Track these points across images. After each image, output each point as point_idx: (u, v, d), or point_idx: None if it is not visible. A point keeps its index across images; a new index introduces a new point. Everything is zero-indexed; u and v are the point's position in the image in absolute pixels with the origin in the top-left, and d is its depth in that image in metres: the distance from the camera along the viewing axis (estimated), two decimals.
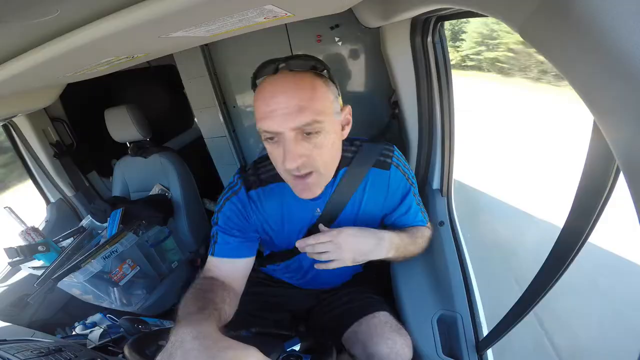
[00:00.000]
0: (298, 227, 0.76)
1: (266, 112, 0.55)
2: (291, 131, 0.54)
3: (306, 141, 0.56)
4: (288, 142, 0.55)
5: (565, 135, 3.37)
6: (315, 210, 0.74)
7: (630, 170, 0.24)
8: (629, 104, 0.22)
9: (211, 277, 0.69)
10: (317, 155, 0.58)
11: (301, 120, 0.54)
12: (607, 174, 0.37)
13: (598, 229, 0.42)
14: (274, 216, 0.74)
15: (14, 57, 0.45)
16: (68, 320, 1.39)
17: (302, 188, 0.62)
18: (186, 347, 0.44)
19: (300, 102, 0.54)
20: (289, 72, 0.56)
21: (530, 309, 0.56)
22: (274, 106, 0.54)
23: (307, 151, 0.57)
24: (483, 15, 0.38)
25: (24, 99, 0.97)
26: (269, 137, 0.57)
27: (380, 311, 0.82)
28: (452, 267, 0.87)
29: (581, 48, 0.24)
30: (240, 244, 0.72)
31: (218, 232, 0.72)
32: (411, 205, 0.79)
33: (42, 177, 1.63)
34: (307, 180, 0.60)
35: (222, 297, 0.62)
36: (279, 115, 0.54)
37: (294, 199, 0.68)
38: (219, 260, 0.71)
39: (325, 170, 0.63)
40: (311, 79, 0.56)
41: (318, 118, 0.55)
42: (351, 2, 0.55)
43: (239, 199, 0.72)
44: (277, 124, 0.54)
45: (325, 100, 0.57)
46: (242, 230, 0.72)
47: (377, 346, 0.73)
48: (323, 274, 0.92)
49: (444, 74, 0.96)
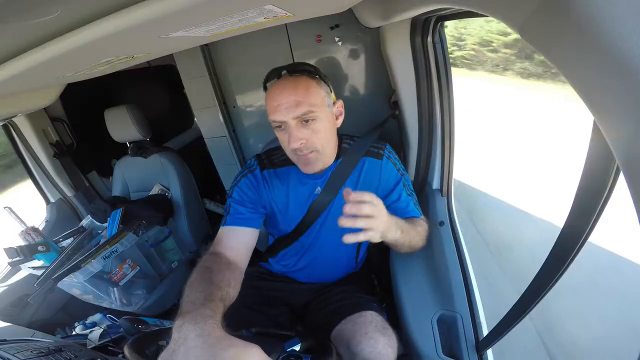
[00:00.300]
0: (301, 201, 0.87)
1: (274, 107, 0.72)
2: (293, 120, 0.71)
3: (305, 127, 0.72)
4: (291, 128, 0.72)
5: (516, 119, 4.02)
6: (316, 188, 0.86)
7: (630, 170, 0.24)
8: (629, 104, 0.22)
9: (218, 254, 0.73)
10: (315, 139, 0.74)
11: (299, 111, 0.70)
12: (607, 174, 0.37)
13: (597, 229, 0.42)
14: (281, 194, 0.87)
15: (14, 57, 0.45)
16: (68, 320, 1.39)
17: (305, 162, 0.78)
18: (189, 344, 0.44)
19: (298, 97, 0.70)
20: (289, 76, 0.74)
21: (530, 309, 0.56)
22: (279, 102, 0.71)
23: (306, 135, 0.73)
24: (483, 15, 0.38)
25: (24, 99, 0.97)
26: (278, 126, 0.74)
27: (367, 310, 0.82)
28: (452, 267, 0.87)
29: (581, 48, 0.24)
30: (250, 215, 0.82)
31: (231, 204, 0.82)
32: (401, 194, 0.87)
33: (42, 177, 1.63)
34: (309, 156, 0.76)
35: (227, 280, 0.64)
36: (283, 109, 0.71)
37: (298, 179, 0.85)
38: (229, 229, 0.79)
39: (323, 149, 0.77)
40: (306, 80, 0.73)
41: (312, 109, 0.71)
42: (351, 2, 0.55)
43: (254, 176, 0.86)
44: (282, 115, 0.71)
45: (318, 95, 0.73)
46: (253, 203, 0.84)
47: (360, 345, 0.73)
48: (317, 264, 0.97)
49: (444, 74, 0.96)
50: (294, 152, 0.76)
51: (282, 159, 0.87)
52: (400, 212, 0.84)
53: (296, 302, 0.99)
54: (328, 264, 0.98)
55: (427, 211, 1.05)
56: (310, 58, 1.37)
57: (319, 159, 0.78)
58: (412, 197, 0.90)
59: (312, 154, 0.76)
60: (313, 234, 0.92)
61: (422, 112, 1.02)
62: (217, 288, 0.60)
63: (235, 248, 0.76)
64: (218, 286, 0.60)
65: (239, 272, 0.73)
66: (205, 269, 0.66)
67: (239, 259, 0.75)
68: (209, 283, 0.60)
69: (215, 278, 0.63)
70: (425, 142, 1.07)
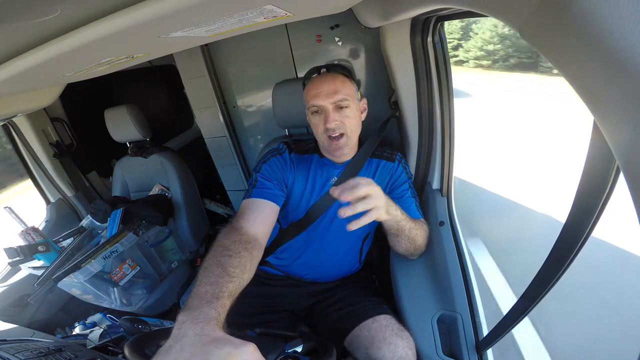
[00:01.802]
0: (317, 188, 0.94)
1: (315, 94, 0.84)
2: (330, 104, 0.83)
3: (338, 113, 0.84)
4: (328, 111, 0.83)
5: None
6: (332, 179, 0.94)
7: (630, 170, 0.24)
8: (629, 104, 0.21)
9: (240, 229, 0.73)
10: (346, 122, 0.85)
11: (336, 97, 0.83)
12: (607, 174, 0.37)
13: (597, 229, 0.42)
14: (302, 178, 0.94)
15: (14, 57, 0.45)
16: (68, 320, 1.39)
17: (336, 147, 0.87)
18: (185, 341, 0.45)
19: (335, 87, 0.83)
20: (328, 72, 0.88)
21: (530, 309, 0.56)
22: (320, 90, 0.83)
23: (340, 118, 0.84)
24: (483, 15, 0.38)
25: (24, 99, 0.97)
26: (315, 111, 0.86)
27: (380, 315, 0.83)
28: (452, 267, 0.87)
29: (581, 48, 0.24)
30: (274, 190, 0.86)
31: (258, 178, 0.88)
32: (407, 193, 0.94)
33: (42, 177, 1.63)
34: (340, 141, 0.86)
35: (243, 265, 0.63)
36: (323, 95, 0.83)
37: (319, 166, 0.95)
38: (254, 201, 0.83)
39: (351, 134, 0.87)
40: (341, 77, 0.87)
41: (347, 97, 0.84)
42: (351, 2, 0.55)
43: (282, 157, 0.94)
44: (322, 100, 0.83)
45: (350, 89, 0.86)
46: (278, 181, 0.90)
47: (380, 351, 0.74)
48: (321, 259, 0.97)
49: (444, 74, 0.96)
50: (326, 135, 0.85)
51: (306, 147, 0.98)
52: (405, 208, 0.86)
53: (298, 305, 0.99)
54: (332, 260, 0.97)
55: (427, 211, 1.05)
56: (310, 58, 1.37)
57: (347, 144, 0.87)
58: (416, 199, 0.95)
59: (343, 139, 0.86)
60: (320, 227, 0.93)
61: (422, 112, 1.02)
62: (230, 278, 0.59)
63: (257, 223, 0.77)
64: (231, 276, 0.59)
65: (257, 252, 0.71)
66: (222, 250, 0.65)
67: (260, 235, 0.75)
68: (223, 272, 0.59)
69: (231, 263, 0.62)
70: (425, 142, 1.07)
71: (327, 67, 0.89)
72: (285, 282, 1.02)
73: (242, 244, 0.68)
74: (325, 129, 0.84)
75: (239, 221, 0.76)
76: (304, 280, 1.00)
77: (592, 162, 0.38)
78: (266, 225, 0.80)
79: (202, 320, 0.48)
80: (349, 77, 0.89)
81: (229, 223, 0.76)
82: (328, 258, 0.97)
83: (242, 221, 0.76)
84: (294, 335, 0.65)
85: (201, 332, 0.46)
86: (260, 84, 1.50)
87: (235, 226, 0.74)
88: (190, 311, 0.49)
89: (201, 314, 0.49)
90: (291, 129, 1.34)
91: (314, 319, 0.96)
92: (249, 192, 0.85)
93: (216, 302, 0.53)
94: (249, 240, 0.71)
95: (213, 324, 0.48)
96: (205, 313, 0.49)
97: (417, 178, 1.15)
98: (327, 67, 0.89)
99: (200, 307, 0.50)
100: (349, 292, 0.95)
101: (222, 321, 0.51)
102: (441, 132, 1.03)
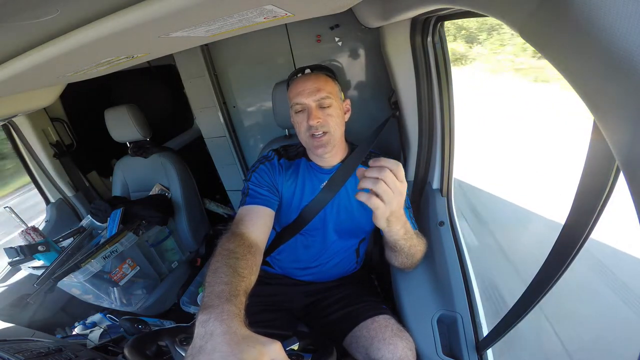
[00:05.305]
0: (307, 192, 0.93)
1: (298, 92, 0.85)
2: (313, 102, 0.84)
3: (321, 111, 0.85)
4: (311, 109, 0.84)
5: None
6: (322, 183, 0.93)
7: (630, 170, 0.24)
8: (629, 104, 0.21)
9: (241, 235, 0.74)
10: (329, 120, 0.85)
11: (319, 95, 0.84)
12: (607, 174, 0.37)
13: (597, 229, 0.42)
14: (291, 182, 0.94)
15: (14, 57, 0.45)
16: (68, 320, 1.39)
17: (318, 144, 0.86)
18: (216, 340, 0.45)
19: (318, 85, 0.85)
20: (311, 72, 0.90)
21: (530, 309, 0.56)
22: (303, 88, 0.85)
23: (323, 116, 0.85)
24: (483, 15, 0.38)
25: (24, 99, 0.97)
26: (299, 110, 0.86)
27: (379, 315, 0.83)
28: (452, 267, 0.87)
29: (581, 48, 0.24)
30: (268, 196, 0.88)
31: (250, 187, 0.89)
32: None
33: (42, 177, 1.63)
34: (322, 138, 0.85)
35: (250, 267, 0.65)
36: (306, 93, 0.84)
37: (308, 170, 0.95)
38: (249, 208, 0.84)
39: (334, 132, 0.87)
40: (324, 76, 0.88)
41: (329, 95, 0.85)
42: (351, 2, 0.55)
43: (271, 164, 0.95)
44: (305, 98, 0.84)
45: (333, 88, 0.88)
46: (269, 186, 0.91)
47: (380, 351, 0.74)
48: (317, 261, 0.97)
49: (444, 74, 0.96)
50: (309, 133, 0.85)
51: (295, 152, 0.99)
52: None
53: (295, 305, 0.99)
54: (328, 262, 0.98)
55: (427, 211, 1.05)
56: (310, 58, 1.37)
57: (330, 142, 0.87)
58: (409, 210, 0.94)
59: (325, 137, 0.86)
60: (314, 229, 0.93)
61: (422, 112, 1.02)
62: (241, 278, 0.59)
63: (255, 228, 0.78)
64: (242, 276, 0.60)
65: (259, 255, 0.73)
66: (229, 253, 0.65)
67: (259, 240, 0.76)
68: (234, 272, 0.60)
69: (240, 265, 0.62)
70: (425, 142, 1.07)
71: (310, 68, 0.91)
72: (283, 280, 1.02)
73: (246, 248, 0.69)
74: (309, 127, 0.84)
75: (239, 227, 0.77)
76: (301, 280, 1.00)
77: (592, 162, 0.38)
78: (264, 230, 0.81)
79: (227, 317, 0.48)
80: (332, 77, 0.91)
81: (228, 229, 0.76)
82: (324, 260, 0.97)
83: (241, 227, 0.77)
84: (288, 333, 0.65)
85: (229, 330, 0.46)
86: (260, 84, 1.50)
87: (236, 232, 0.75)
88: (211, 309, 0.49)
89: (224, 311, 0.49)
90: (291, 129, 1.34)
91: (312, 319, 0.96)
92: (243, 201, 0.86)
93: (235, 299, 0.53)
94: (251, 244, 0.72)
95: (238, 321, 0.48)
96: (228, 310, 0.50)
97: (417, 178, 1.15)
98: (310, 68, 0.91)
99: (220, 305, 0.50)
100: (348, 292, 0.95)
101: (243, 317, 0.51)
102: (441, 132, 1.03)
